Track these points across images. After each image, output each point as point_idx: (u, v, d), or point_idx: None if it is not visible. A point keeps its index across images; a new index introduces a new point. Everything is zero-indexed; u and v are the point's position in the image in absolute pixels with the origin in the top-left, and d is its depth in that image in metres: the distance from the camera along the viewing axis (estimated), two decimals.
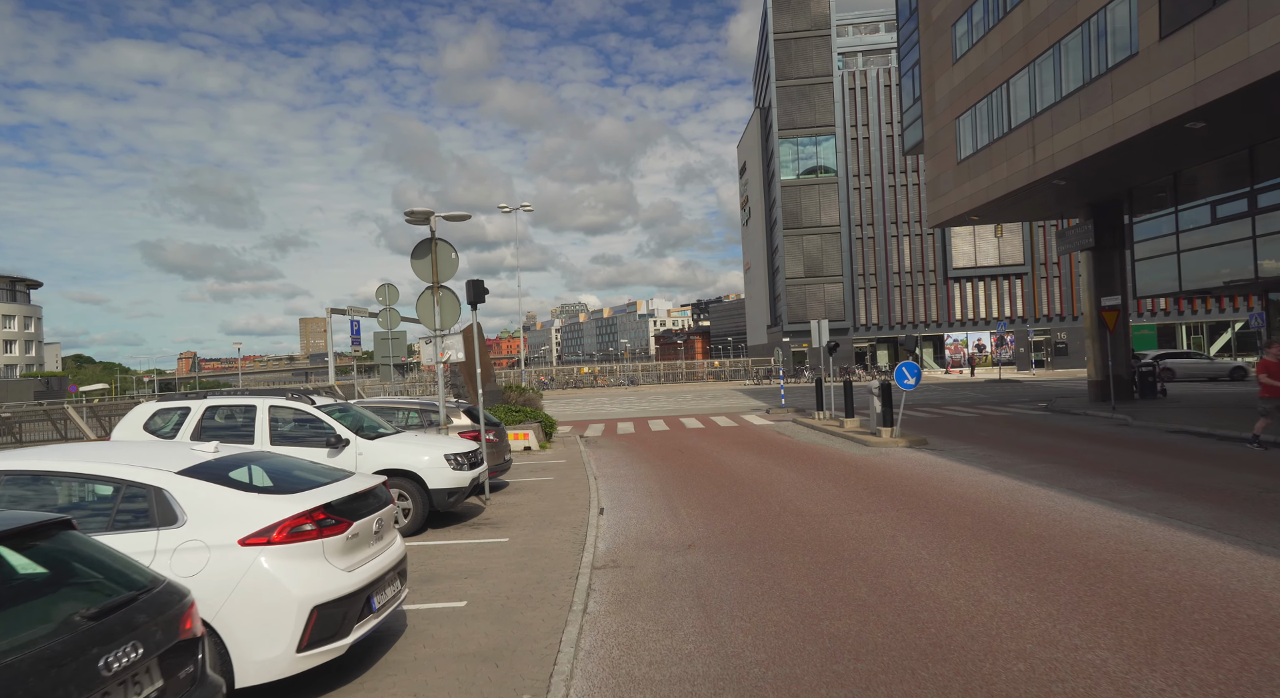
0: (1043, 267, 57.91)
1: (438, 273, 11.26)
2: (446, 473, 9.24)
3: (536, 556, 7.96)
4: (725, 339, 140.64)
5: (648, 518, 9.92)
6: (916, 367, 16.38)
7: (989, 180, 23.50)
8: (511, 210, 44.65)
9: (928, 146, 28.37)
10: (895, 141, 58.64)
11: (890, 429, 16.61)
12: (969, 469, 12.47)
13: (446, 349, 11.31)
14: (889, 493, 10.74)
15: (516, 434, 18.32)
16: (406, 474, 9.16)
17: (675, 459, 15.72)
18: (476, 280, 11.24)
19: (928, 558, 7.25)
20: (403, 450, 9.22)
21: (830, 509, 9.83)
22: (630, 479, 13.35)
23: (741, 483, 12.30)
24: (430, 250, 11.24)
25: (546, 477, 13.72)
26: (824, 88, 59.37)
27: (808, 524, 9.03)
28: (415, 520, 9.04)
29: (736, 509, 10.17)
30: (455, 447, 9.68)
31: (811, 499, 10.58)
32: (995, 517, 8.90)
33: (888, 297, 58.77)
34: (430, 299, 11.30)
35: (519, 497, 11.70)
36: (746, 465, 14.27)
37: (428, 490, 9.13)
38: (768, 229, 67.70)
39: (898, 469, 12.87)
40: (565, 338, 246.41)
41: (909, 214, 58.74)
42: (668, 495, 11.52)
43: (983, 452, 14.56)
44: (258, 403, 9.12)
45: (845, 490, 11.12)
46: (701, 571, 7.25)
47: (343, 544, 4.63)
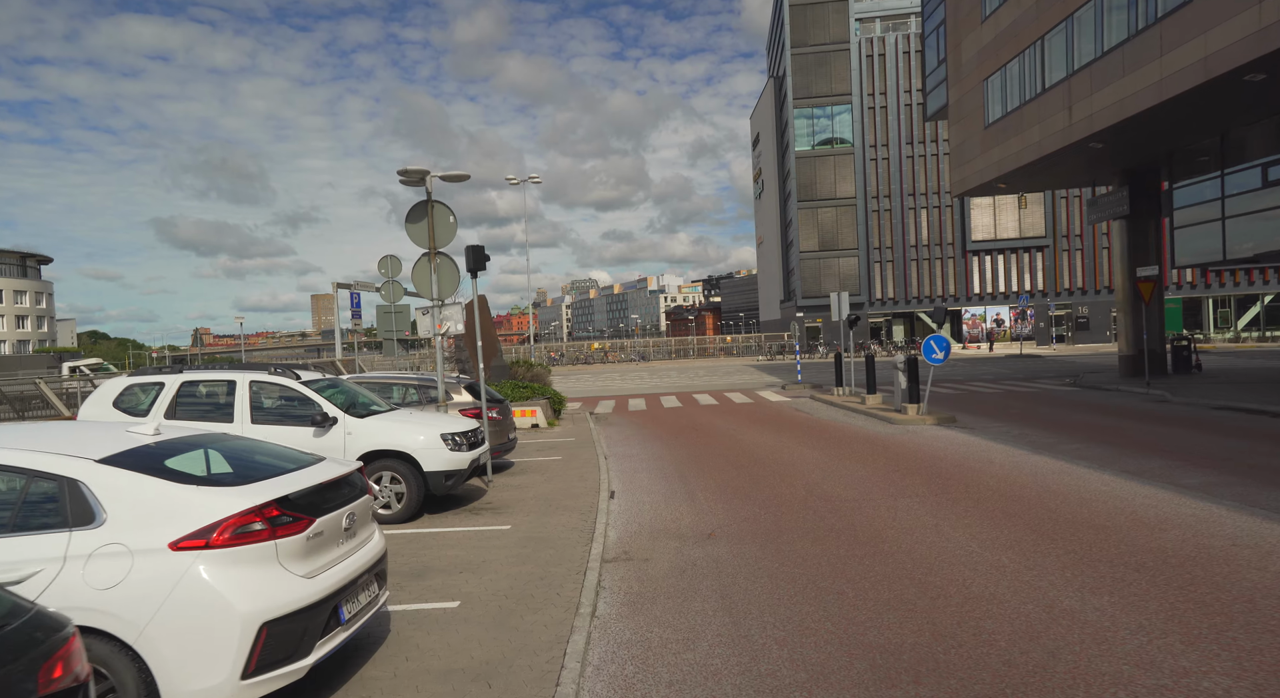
0: (1064, 239, 56.35)
1: (435, 238, 10.42)
2: (443, 454, 8.48)
3: (541, 546, 7.20)
4: (737, 315, 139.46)
5: (662, 503, 9.15)
6: (946, 340, 15.46)
7: (1019, 145, 22.30)
8: (520, 182, 43.65)
9: (952, 111, 27.09)
10: (914, 111, 56.91)
11: (917, 406, 15.74)
12: (1008, 449, 11.61)
13: (445, 320, 10.50)
14: (924, 475, 9.91)
15: (523, 411, 17.59)
16: (399, 456, 8.40)
17: (689, 437, 14.94)
18: (477, 246, 10.40)
19: (980, 552, 6.43)
20: (396, 430, 8.46)
21: (861, 494, 9.02)
22: (642, 459, 12.59)
23: (761, 463, 11.50)
24: (426, 213, 10.38)
25: (554, 456, 12.98)
26: (840, 55, 57.56)
27: (838, 511, 8.22)
28: (409, 506, 8.30)
29: (758, 493, 9.38)
30: (454, 426, 8.91)
31: (839, 482, 9.77)
32: (1047, 503, 8.06)
33: (904, 270, 57.46)
34: (427, 266, 10.48)
35: (524, 478, 10.97)
36: (766, 444, 13.46)
37: (423, 473, 8.38)
38: (781, 202, 66.27)
39: (929, 449, 12.02)
40: (576, 314, 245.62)
41: (927, 186, 57.18)
42: (683, 477, 10.74)
43: (1018, 430, 13.68)
44: (237, 378, 8.36)
45: (875, 472, 10.30)
46: (724, 565, 6.47)
47: (302, 546, 3.85)
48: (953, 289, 57.29)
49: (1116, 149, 20.10)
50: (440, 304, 10.49)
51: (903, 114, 57.10)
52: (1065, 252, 56.34)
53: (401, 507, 8.30)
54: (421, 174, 10.26)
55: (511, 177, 43.63)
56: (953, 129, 27.23)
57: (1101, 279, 55.99)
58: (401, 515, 8.29)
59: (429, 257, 10.45)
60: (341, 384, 9.47)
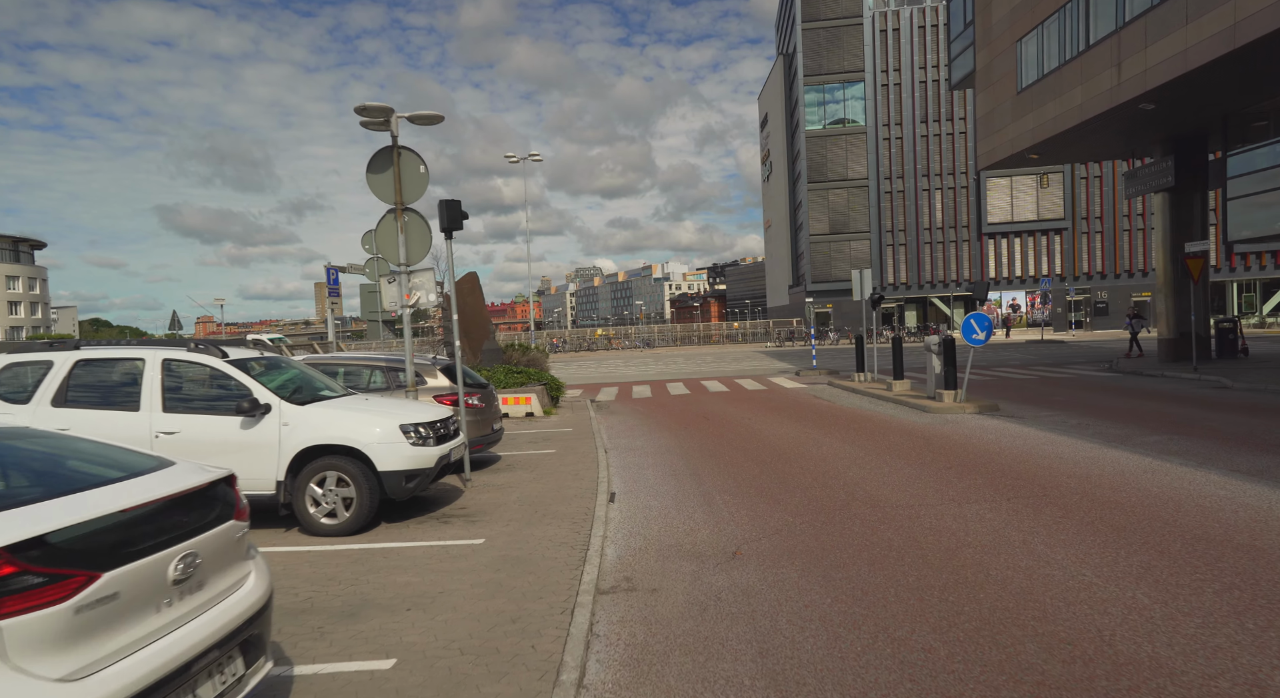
0: (1084, 221, 54.34)
1: (402, 191, 8.77)
2: (403, 450, 6.88)
3: (519, 569, 5.61)
4: (742, 302, 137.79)
5: (673, 508, 7.55)
6: (988, 319, 13.78)
7: (1057, 110, 20.48)
8: (519, 160, 41.92)
9: (980, 78, 25.23)
10: (929, 88, 54.84)
11: (953, 393, 14.09)
12: (1074, 442, 9.96)
13: (415, 290, 8.87)
14: (984, 474, 8.27)
15: (517, 398, 16.01)
16: (348, 452, 6.81)
17: (700, 428, 13.33)
18: (452, 200, 8.75)
19: (1102, 585, 4.81)
20: (345, 420, 6.85)
21: (914, 497, 7.40)
22: (648, 453, 10.99)
23: (787, 458, 9.88)
24: (391, 162, 8.73)
25: (547, 449, 11.39)
26: (853, 30, 55.42)
27: (892, 521, 6.61)
28: (360, 514, 6.70)
29: (789, 496, 7.76)
30: (419, 415, 7.30)
31: (884, 483, 8.15)
32: (1160, 513, 6.43)
33: (917, 254, 55.57)
34: (393, 226, 8.83)
35: (510, 475, 9.37)
36: (788, 436, 11.84)
37: (377, 474, 6.78)
38: (791, 184, 64.31)
39: (980, 442, 10.39)
40: (580, 302, 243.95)
41: (942, 166, 55.16)
42: (696, 475, 9.14)
43: (1075, 419, 12.02)
44: (147, 355, 6.76)
45: (923, 470, 8.67)
46: (758, 600, 4.87)
47: (65, 624, 2.24)
48: (968, 273, 55.40)
49: (1168, 111, 18.29)
50: (408, 270, 8.86)
51: (917, 91, 55.01)
52: (1085, 234, 54.36)
53: (350, 515, 6.71)
54: (384, 114, 8.60)
55: (511, 154, 41.89)
56: (980, 97, 25.38)
57: (1122, 263, 54.07)
58: (349, 526, 6.69)
59: (395, 214, 8.81)
60: (286, 365, 7.87)
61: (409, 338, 8.91)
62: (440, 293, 9.22)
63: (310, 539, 6.65)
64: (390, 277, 8.97)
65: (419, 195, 8.87)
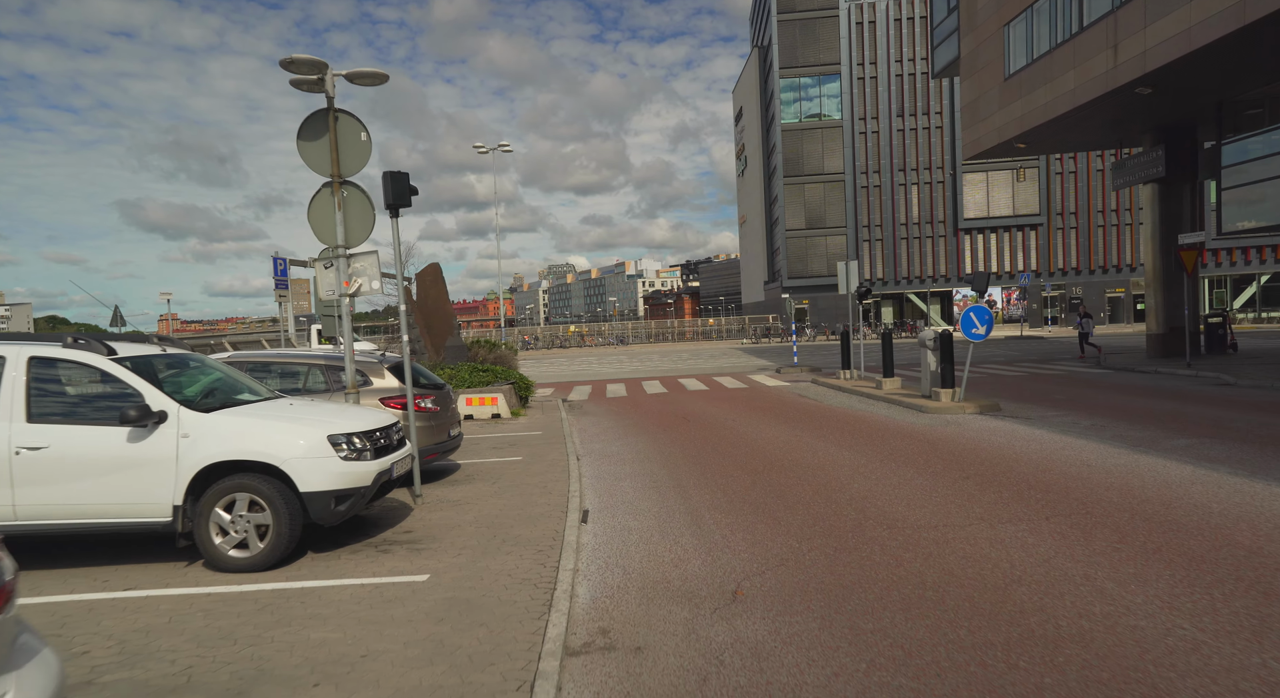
0: (1059, 217, 54.33)
1: (339, 162, 7.53)
2: (332, 465, 5.68)
3: (468, 619, 4.46)
4: (716, 299, 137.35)
5: (656, 530, 6.44)
6: (989, 312, 12.87)
7: (1047, 96, 19.73)
8: (488, 151, 40.56)
9: (965, 65, 24.47)
10: (905, 82, 54.38)
11: (951, 391, 13.18)
12: (1096, 446, 9.04)
13: (356, 276, 7.65)
14: (1007, 486, 7.29)
15: (482, 398, 14.78)
16: (263, 469, 5.58)
17: (681, 430, 12.25)
18: (398, 172, 7.52)
19: (1212, 643, 3.80)
20: (259, 430, 5.63)
21: (935, 515, 6.38)
22: (625, 459, 9.87)
23: (780, 467, 8.83)
24: (327, 127, 7.48)
25: (513, 456, 10.22)
26: (829, 23, 54.76)
27: (916, 546, 5.57)
28: (276, 546, 5.48)
29: (790, 514, 6.70)
30: (354, 422, 6.10)
31: (896, 497, 7.12)
32: (1236, 538, 5.47)
33: (894, 249, 55.13)
34: (330, 201, 7.59)
35: (469, 488, 8.20)
36: (778, 440, 10.81)
37: (299, 495, 5.57)
38: (766, 178, 63.58)
39: (991, 446, 9.43)
40: (553, 299, 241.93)
41: (918, 161, 54.77)
42: (680, 488, 8.04)
43: (1087, 420, 11.15)
44: (8, 352, 5.47)
45: (938, 481, 7.67)
46: (773, 665, 3.78)
47: None
48: (944, 269, 55.14)
49: (1163, 97, 17.60)
50: (348, 253, 7.62)
51: (894, 84, 54.52)
52: (1060, 230, 54.36)
53: (265, 546, 5.49)
54: (318, 70, 7.35)
55: (480, 145, 40.48)
56: (964, 84, 24.62)
57: (1097, 259, 54.16)
58: (264, 560, 5.47)
59: (331, 188, 7.56)
60: (199, 365, 6.61)
61: (348, 331, 7.68)
62: (398, 280, 7.98)
63: (215, 577, 5.43)
64: (328, 261, 7.73)
65: (360, 167, 7.64)
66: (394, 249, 7.62)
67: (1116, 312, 54.55)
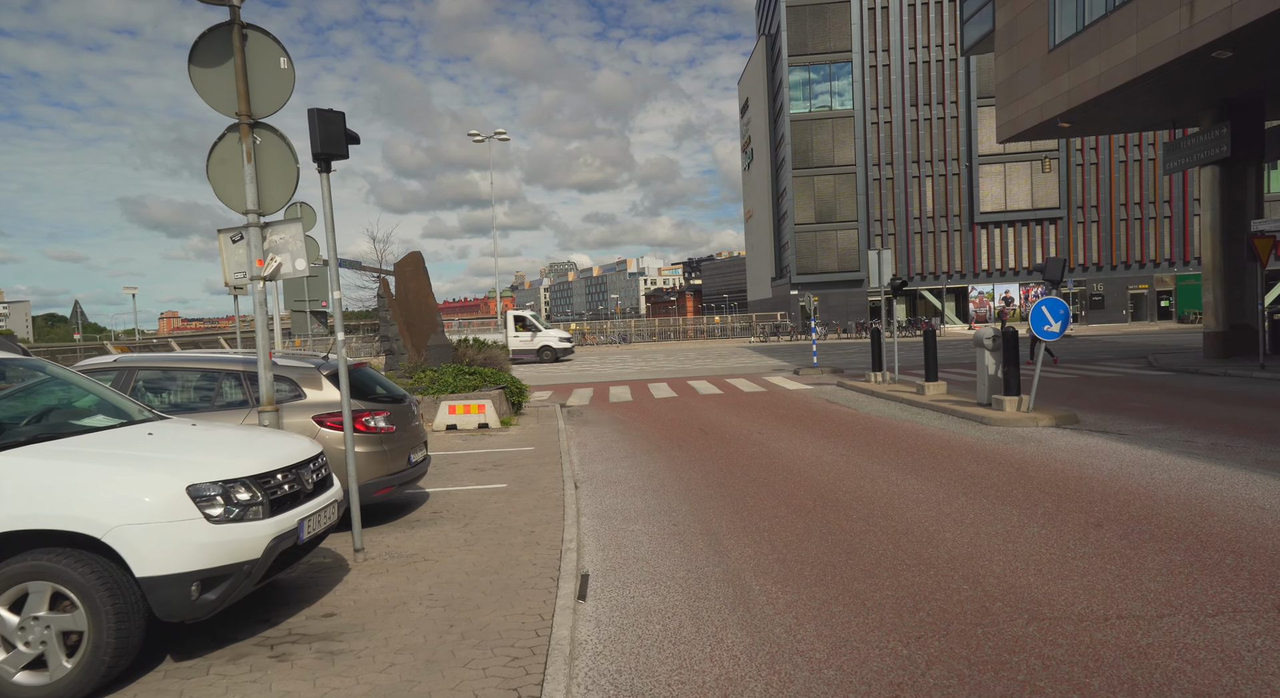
0: (1080, 210, 52.19)
1: (249, 96, 5.52)
2: (191, 533, 3.69)
3: None
4: (720, 296, 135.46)
5: (685, 613, 4.44)
6: (1064, 306, 10.84)
7: (1102, 66, 17.68)
8: (485, 139, 38.59)
9: (1000, 38, 22.41)
10: (920, 69, 52.26)
11: (1017, 399, 11.16)
12: (1252, 479, 7.01)
13: (273, 253, 5.64)
14: (1168, 542, 5.28)
15: (467, 406, 12.80)
16: (76, 541, 3.58)
17: (700, 446, 10.25)
18: (330, 111, 5.52)
19: None
20: (72, 480, 3.63)
21: (1095, 596, 4.37)
22: (636, 489, 7.87)
23: (837, 503, 6.83)
24: (233, 48, 5.46)
25: (496, 483, 8.23)
26: (840, 7, 52.62)
27: (1099, 663, 3.57)
28: (94, 666, 3.48)
29: (875, 589, 4.69)
30: (239, 461, 4.10)
31: (1017, 557, 5.11)
32: None
33: (907, 244, 53.03)
34: (236, 149, 5.58)
35: (432, 534, 6.21)
36: (822, 461, 8.80)
37: (137, 582, 3.57)
38: (774, 171, 61.48)
39: (1101, 476, 7.42)
40: (554, 297, 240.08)
41: (933, 152, 52.64)
42: (711, 535, 6.04)
43: (1203, 437, 9.12)
44: None
45: (1060, 530, 5.66)
46: None
47: None
48: (959, 264, 53.04)
49: (1244, 61, 15.54)
50: (262, 222, 5.61)
51: (907, 73, 52.39)
52: (1080, 224, 52.22)
53: (74, 667, 3.48)
54: None
55: (475, 132, 38.54)
56: (1000, 60, 22.56)
57: (1119, 254, 52.04)
58: (72, 688, 3.47)
59: (239, 130, 5.55)
60: (26, 373, 4.61)
61: (262, 327, 5.66)
62: (330, 257, 6.00)
63: None
64: (236, 233, 5.72)
65: (278, 104, 5.63)
66: (324, 215, 5.61)
67: (1140, 309, 52.43)
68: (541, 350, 34.38)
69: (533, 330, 34.68)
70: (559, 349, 34.62)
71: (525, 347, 34.35)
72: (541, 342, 34.40)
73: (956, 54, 51.45)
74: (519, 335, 34.42)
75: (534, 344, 34.39)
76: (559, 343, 34.61)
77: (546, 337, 34.62)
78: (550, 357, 34.44)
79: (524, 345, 34.33)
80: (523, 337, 34.40)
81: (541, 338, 34.48)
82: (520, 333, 34.45)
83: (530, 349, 34.39)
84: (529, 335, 34.53)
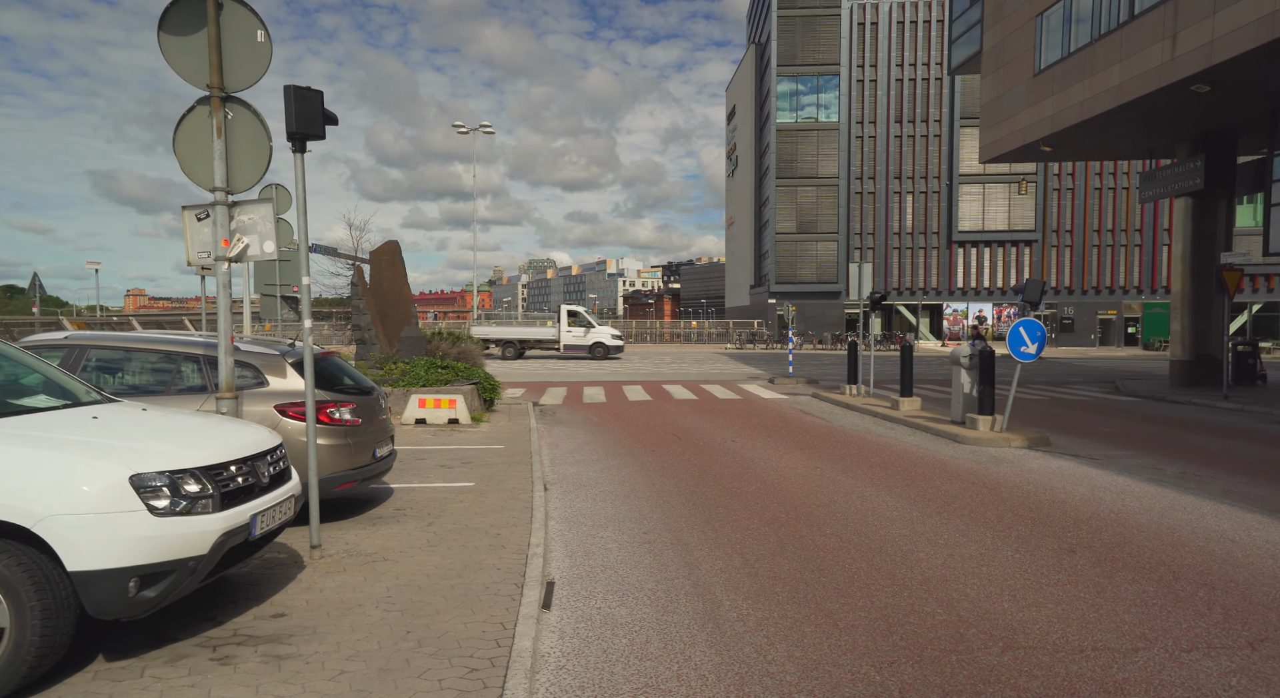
0: (1054, 234, 53.09)
1: (222, 67, 5.27)
2: (131, 525, 3.46)
3: None
4: (697, 302, 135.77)
5: (653, 627, 4.29)
6: (1041, 328, 10.90)
7: (1084, 93, 17.92)
8: (469, 131, 38.18)
9: (988, 59, 22.65)
10: (906, 86, 52.82)
11: (991, 419, 11.19)
12: (1220, 509, 7.04)
13: (240, 233, 5.39)
14: (1140, 572, 5.25)
15: (438, 400, 12.53)
16: (1, 530, 3.33)
17: (673, 452, 10.11)
18: (308, 90, 5.28)
19: None
20: (2, 464, 3.37)
21: (1069, 626, 4.31)
22: (606, 494, 7.71)
23: (808, 516, 6.73)
24: (208, 18, 5.21)
25: (465, 480, 8.02)
26: (830, 20, 53.01)
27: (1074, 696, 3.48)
28: (14, 665, 3.24)
29: (847, 608, 4.58)
30: (189, 451, 3.87)
31: (990, 580, 5.04)
32: None
33: (885, 259, 53.51)
34: (206, 124, 5.33)
35: (394, 532, 5.98)
36: (796, 473, 8.71)
37: (67, 576, 3.33)
38: (757, 179, 61.73)
39: (1073, 500, 7.41)
40: (532, 294, 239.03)
41: (914, 169, 53.21)
42: (682, 545, 5.90)
43: (1172, 466, 9.19)
44: None
45: (1033, 555, 5.61)
46: None
47: None
48: (935, 281, 53.65)
49: (1222, 96, 15.84)
50: (231, 201, 5.36)
51: (893, 89, 52.92)
52: (1054, 248, 53.12)
53: None
54: None
55: (460, 124, 38.09)
56: (986, 81, 22.81)
57: (1090, 279, 53.02)
58: None
59: (209, 104, 5.29)
60: None
61: (225, 310, 5.41)
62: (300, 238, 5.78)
63: None
64: (201, 211, 5.46)
65: (253, 77, 5.39)
66: (297, 196, 5.37)
67: (1107, 334, 53.48)
68: (594, 347, 33.62)
69: (586, 326, 33.84)
70: (611, 347, 33.80)
71: (578, 342, 33.59)
72: (595, 338, 33.66)
73: (943, 73, 52.09)
74: (572, 331, 33.65)
75: (587, 340, 33.62)
76: (611, 340, 33.81)
77: (600, 333, 33.83)
78: (602, 353, 33.67)
79: (576, 341, 33.60)
80: (575, 332, 33.72)
81: (595, 334, 33.76)
82: (573, 328, 33.75)
83: (582, 345, 33.61)
84: (582, 331, 33.71)
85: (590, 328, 34.04)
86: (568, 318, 34.10)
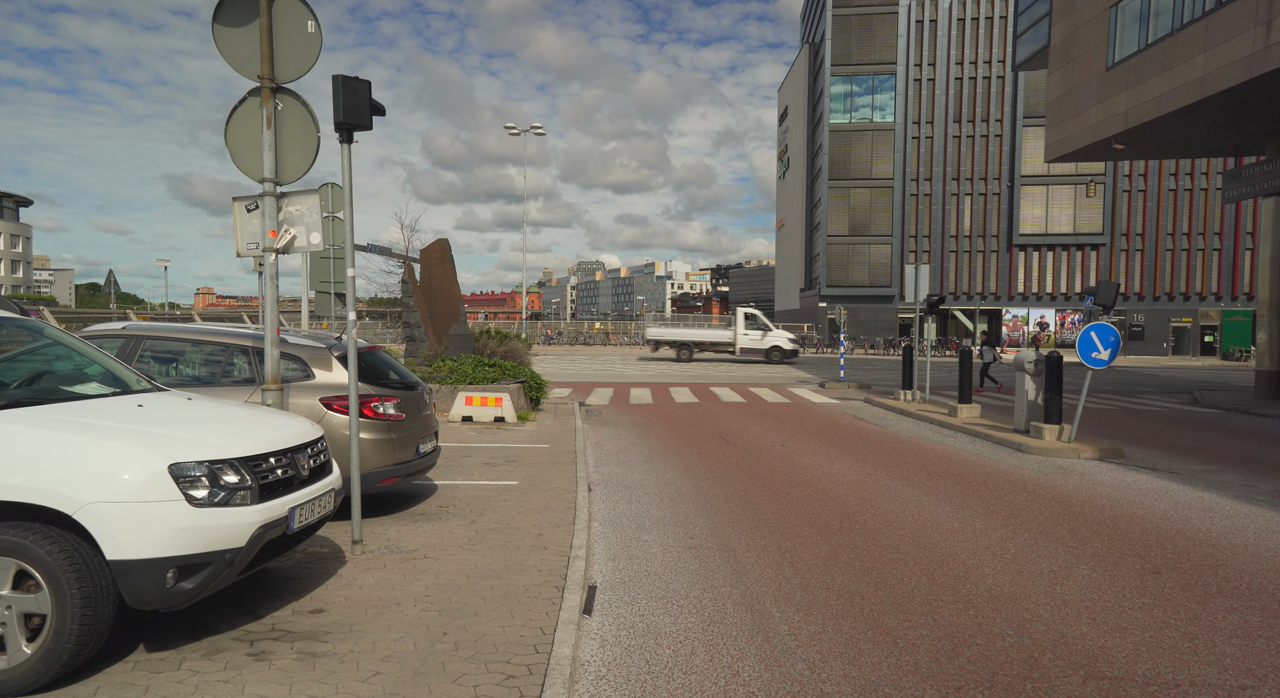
0: (1124, 238, 50.81)
1: (273, 58, 5.26)
2: (170, 515, 3.40)
3: None
4: (745, 305, 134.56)
5: (699, 638, 4.06)
6: (1114, 332, 10.28)
7: (1164, 86, 16.97)
8: (520, 132, 38.52)
9: (1056, 53, 21.71)
10: (965, 85, 51.28)
11: (1058, 428, 10.61)
12: None
13: (289, 225, 5.37)
14: (1241, 600, 4.79)
15: (484, 398, 12.52)
16: (43, 516, 3.31)
17: (720, 455, 9.85)
18: (356, 80, 5.23)
19: None
20: (44, 449, 3.36)
21: (1166, 660, 3.92)
22: (651, 497, 7.50)
23: (865, 527, 6.40)
24: (257, 8, 5.21)
25: (508, 479, 7.91)
26: (887, 19, 51.82)
27: None
28: (56, 652, 3.21)
29: (909, 627, 4.27)
30: (230, 440, 3.81)
31: (1066, 604, 4.66)
32: None
33: (941, 263, 52.01)
34: (256, 115, 5.32)
35: (435, 529, 5.89)
36: (849, 480, 8.36)
37: (107, 564, 3.29)
38: (809, 181, 60.76)
39: (1153, 517, 6.90)
40: (580, 295, 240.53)
41: (973, 170, 51.59)
42: (730, 552, 5.65)
43: (1266, 484, 8.53)
44: None
45: (1113, 576, 5.19)
46: None
47: None
48: (994, 286, 51.89)
49: None
50: (280, 192, 5.35)
51: (952, 88, 51.42)
52: (1124, 252, 50.83)
53: (34, 652, 3.20)
54: None
55: (511, 125, 38.47)
56: (1054, 76, 21.86)
57: (1163, 285, 50.56)
58: (30, 676, 3.20)
59: (260, 93, 5.29)
60: (23, 336, 4.37)
61: (271, 302, 5.39)
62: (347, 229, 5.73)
63: None
64: (251, 202, 5.46)
65: (303, 68, 5.36)
66: (344, 187, 5.32)
67: (1181, 343, 50.90)
68: (771, 351, 32.63)
69: (763, 330, 32.94)
70: (788, 351, 32.58)
71: (755, 345, 32.75)
72: (772, 341, 32.53)
73: (1005, 71, 50.43)
74: (749, 334, 32.78)
75: (764, 344, 32.61)
76: (789, 344, 32.63)
77: (777, 337, 32.73)
78: (778, 357, 32.51)
79: (753, 344, 32.78)
80: (752, 335, 32.73)
81: (772, 338, 32.60)
82: (750, 331, 32.87)
83: (759, 348, 32.75)
84: (759, 334, 32.78)
85: (767, 331, 32.91)
86: (744, 320, 33.13)
